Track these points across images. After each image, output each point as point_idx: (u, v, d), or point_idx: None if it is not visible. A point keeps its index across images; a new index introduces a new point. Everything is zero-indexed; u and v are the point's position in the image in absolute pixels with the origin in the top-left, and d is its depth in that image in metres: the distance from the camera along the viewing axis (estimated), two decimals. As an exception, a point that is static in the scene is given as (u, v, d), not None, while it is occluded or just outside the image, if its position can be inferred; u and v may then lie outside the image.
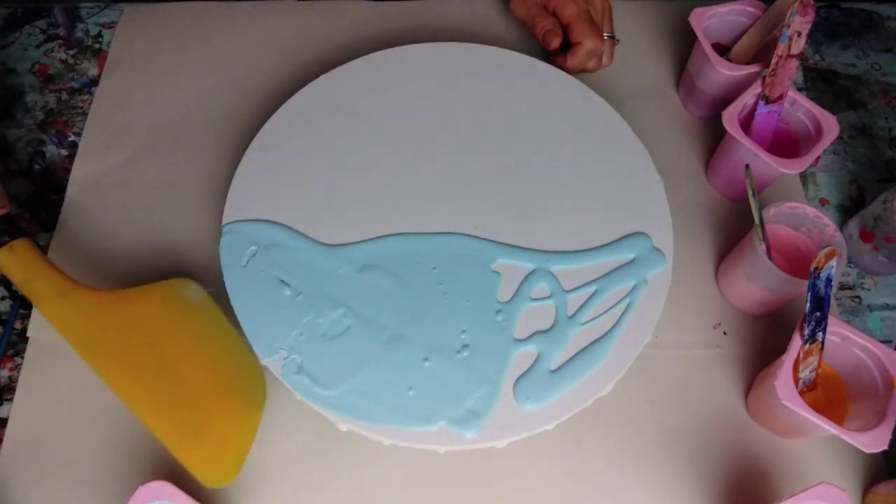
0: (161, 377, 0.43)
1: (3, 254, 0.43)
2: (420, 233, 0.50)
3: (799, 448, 0.50)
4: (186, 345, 0.46)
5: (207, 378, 0.45)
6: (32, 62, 0.65)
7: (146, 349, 0.44)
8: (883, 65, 0.67)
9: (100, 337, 0.43)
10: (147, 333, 0.44)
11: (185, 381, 0.44)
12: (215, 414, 0.45)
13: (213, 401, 0.45)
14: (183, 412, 0.43)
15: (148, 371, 0.43)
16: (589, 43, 0.58)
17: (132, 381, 0.42)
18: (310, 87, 0.56)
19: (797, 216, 0.51)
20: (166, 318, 0.46)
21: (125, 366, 0.43)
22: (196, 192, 0.58)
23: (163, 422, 0.42)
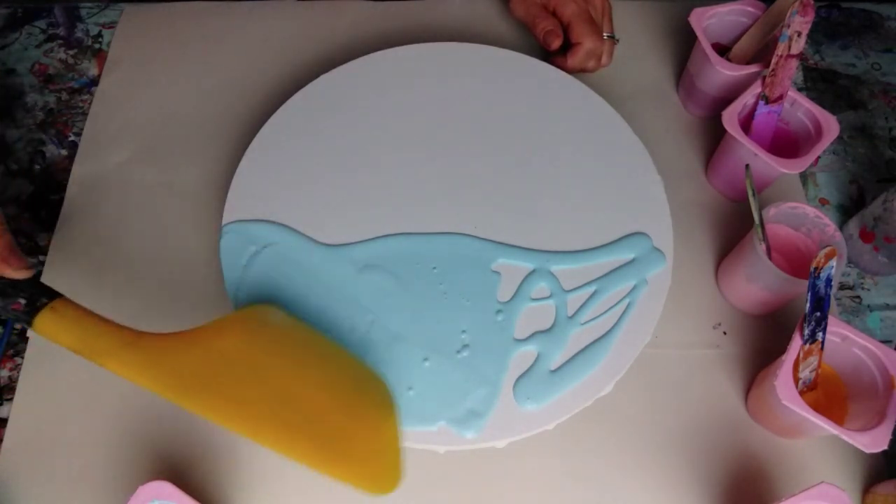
0: (283, 407, 0.39)
1: (46, 317, 0.37)
2: (420, 233, 0.50)
3: (799, 448, 0.50)
4: (292, 369, 0.42)
5: (329, 396, 0.42)
6: (32, 62, 0.65)
7: (253, 383, 0.40)
8: (883, 65, 0.67)
9: (191, 381, 0.38)
10: (245, 367, 0.40)
11: (309, 404, 0.40)
12: (353, 430, 0.41)
13: (344, 417, 0.41)
14: (321, 434, 0.40)
15: (267, 404, 0.39)
16: (589, 43, 0.58)
17: (256, 418, 0.38)
18: (310, 87, 0.56)
19: (797, 216, 0.51)
20: (259, 349, 0.42)
21: (239, 405, 0.38)
22: (196, 192, 0.58)
23: (307, 450, 0.39)
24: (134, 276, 0.54)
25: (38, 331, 0.37)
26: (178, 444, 0.49)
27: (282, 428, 0.39)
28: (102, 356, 0.37)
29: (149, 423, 0.49)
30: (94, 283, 0.54)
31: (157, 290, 0.54)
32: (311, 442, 0.39)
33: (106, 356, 0.37)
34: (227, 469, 0.48)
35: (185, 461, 0.48)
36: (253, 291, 0.48)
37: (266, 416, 0.39)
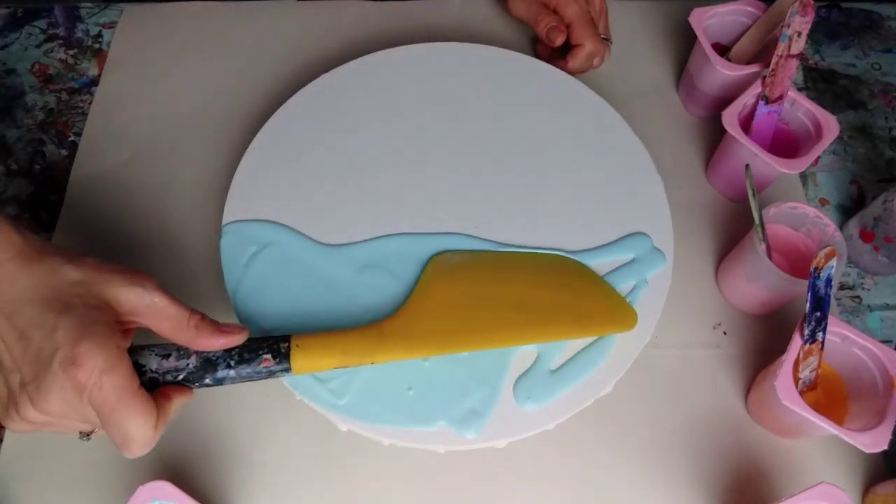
0: (518, 311, 0.45)
1: (299, 357, 0.40)
2: (420, 233, 0.50)
3: (799, 448, 0.50)
4: (500, 283, 0.47)
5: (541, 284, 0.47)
6: (32, 62, 0.65)
7: (482, 309, 0.45)
8: (883, 65, 0.67)
9: (441, 335, 0.44)
10: (467, 303, 0.45)
11: (533, 298, 0.46)
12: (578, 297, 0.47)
13: (564, 293, 0.47)
14: (560, 313, 0.46)
15: (505, 316, 0.45)
16: (590, 45, 0.58)
17: (504, 329, 0.44)
18: (310, 87, 0.56)
19: (797, 216, 0.51)
20: (464, 285, 0.46)
21: (484, 328, 0.44)
22: (196, 192, 0.58)
23: (558, 330, 0.45)
24: (134, 276, 0.54)
25: (298, 371, 0.40)
26: (178, 444, 0.49)
27: (528, 327, 0.45)
28: (369, 356, 0.41)
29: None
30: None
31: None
32: (556, 324, 0.45)
33: (373, 355, 0.41)
34: (227, 469, 0.48)
35: (185, 461, 0.48)
36: (253, 291, 0.48)
37: (511, 325, 0.45)
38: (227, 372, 0.38)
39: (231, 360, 0.38)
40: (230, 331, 0.38)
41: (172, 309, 0.37)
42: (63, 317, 0.34)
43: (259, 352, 0.39)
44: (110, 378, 0.33)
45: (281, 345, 0.39)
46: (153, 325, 0.37)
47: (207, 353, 0.38)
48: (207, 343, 0.37)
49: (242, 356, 0.38)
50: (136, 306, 0.36)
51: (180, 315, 0.37)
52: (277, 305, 0.47)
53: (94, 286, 0.36)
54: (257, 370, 0.39)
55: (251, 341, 0.39)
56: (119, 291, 0.36)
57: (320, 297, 0.48)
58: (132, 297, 0.36)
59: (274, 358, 0.39)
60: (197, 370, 0.38)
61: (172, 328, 0.37)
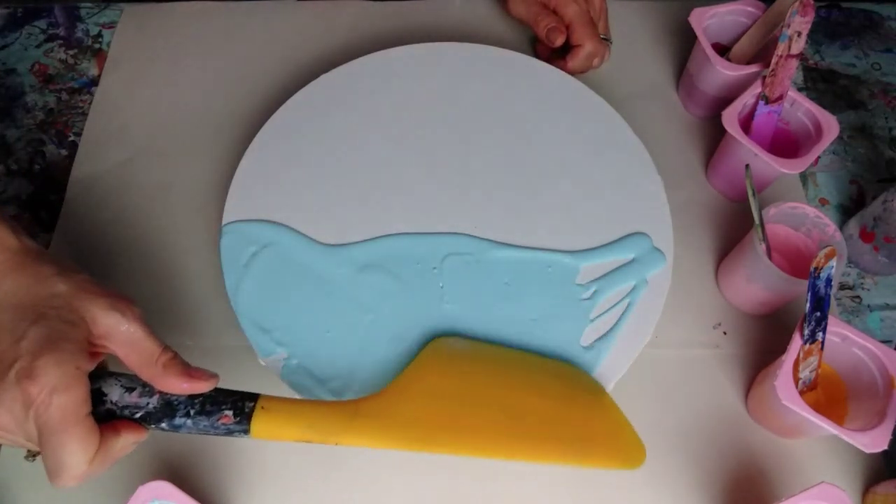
0: (511, 420, 0.41)
1: (261, 420, 0.36)
2: (420, 233, 0.50)
3: (799, 448, 0.50)
4: (498, 385, 0.43)
5: (542, 395, 0.43)
6: (32, 62, 0.65)
7: (473, 409, 0.41)
8: (883, 65, 0.67)
9: (419, 428, 0.39)
10: (457, 398, 0.41)
11: (531, 409, 0.42)
12: (581, 418, 0.43)
13: (567, 408, 0.43)
14: (557, 431, 0.42)
15: (496, 423, 0.41)
16: (589, 45, 0.58)
17: (493, 439, 0.40)
18: (310, 87, 0.56)
19: (797, 216, 0.51)
20: (459, 378, 0.43)
21: (472, 432, 0.40)
22: (196, 192, 0.58)
23: (552, 451, 0.41)
24: (134, 276, 0.54)
25: (257, 435, 0.37)
26: (178, 444, 0.49)
27: (521, 439, 0.40)
28: (336, 436, 0.37)
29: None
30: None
31: (157, 289, 0.54)
32: (552, 442, 0.41)
33: (339, 435, 0.37)
34: (227, 469, 0.48)
35: (185, 461, 0.48)
36: (253, 291, 0.48)
37: (502, 434, 0.40)
38: (184, 420, 0.36)
39: (192, 409, 0.36)
40: (198, 376, 0.36)
41: (146, 342, 0.35)
42: (33, 327, 0.33)
43: (222, 406, 0.37)
44: (59, 398, 0.32)
45: (246, 404, 0.37)
46: (122, 353, 0.36)
47: (171, 396, 0.36)
48: (171, 384, 0.35)
49: (204, 407, 0.36)
50: (111, 331, 0.35)
51: (151, 349, 0.36)
52: (277, 305, 0.47)
53: (75, 301, 0.35)
54: (214, 425, 0.36)
55: (218, 392, 0.37)
56: (98, 312, 0.35)
57: (320, 297, 0.48)
58: (109, 321, 0.35)
59: (235, 416, 0.36)
60: (156, 412, 0.36)
61: (140, 361, 0.36)
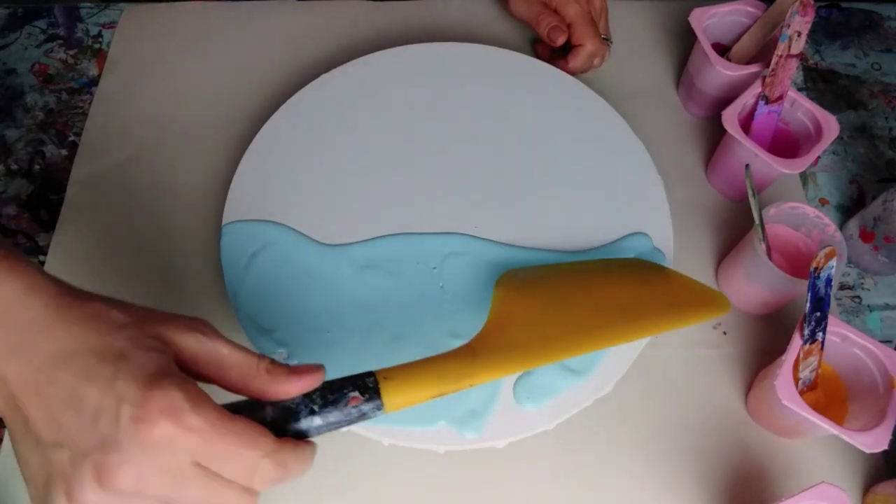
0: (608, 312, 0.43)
1: (389, 391, 0.33)
2: (420, 233, 0.50)
3: (799, 448, 0.50)
4: (580, 289, 0.46)
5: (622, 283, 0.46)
6: (32, 62, 0.65)
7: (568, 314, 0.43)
8: (883, 65, 0.67)
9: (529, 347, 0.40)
10: (549, 312, 0.43)
11: (619, 299, 0.45)
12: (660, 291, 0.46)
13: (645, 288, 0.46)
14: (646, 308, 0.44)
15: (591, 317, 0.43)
16: (591, 45, 0.58)
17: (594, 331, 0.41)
18: (310, 87, 0.56)
19: (797, 216, 0.51)
20: (543, 294, 0.45)
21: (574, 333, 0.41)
22: (196, 192, 0.58)
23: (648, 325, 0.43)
24: (134, 276, 0.54)
25: (392, 408, 0.33)
26: (178, 444, 0.49)
27: (622, 323, 0.42)
28: (467, 378, 0.36)
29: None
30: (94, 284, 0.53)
31: (157, 289, 0.54)
32: (650, 317, 0.43)
33: (471, 377, 0.36)
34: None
35: (185, 461, 0.48)
36: (253, 291, 0.48)
37: (605, 324, 0.42)
38: (311, 420, 0.32)
39: (314, 405, 0.32)
40: (306, 371, 0.32)
41: (238, 355, 0.31)
42: (121, 364, 0.28)
43: (343, 390, 0.32)
44: (201, 414, 0.28)
45: (367, 380, 0.33)
46: (216, 375, 0.31)
47: (284, 401, 0.32)
48: (284, 389, 0.31)
49: (326, 398, 0.32)
50: (196, 354, 0.31)
51: (248, 361, 0.31)
52: (277, 305, 0.47)
53: (149, 328, 0.30)
54: (346, 412, 0.32)
55: (330, 381, 0.33)
56: (176, 335, 0.30)
57: (320, 297, 0.48)
58: (191, 343, 0.30)
59: (363, 394, 0.32)
60: (275, 422, 0.31)
61: (241, 377, 0.31)
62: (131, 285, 0.54)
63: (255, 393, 0.31)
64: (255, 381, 0.31)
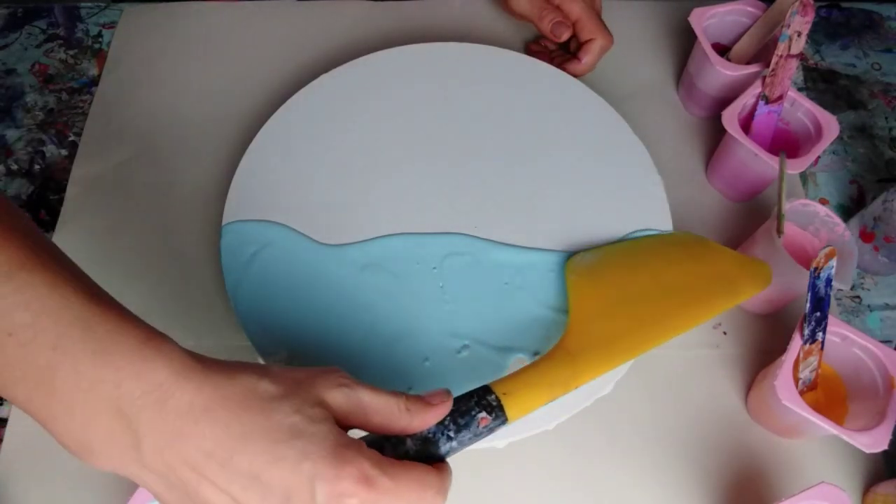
0: (667, 297, 0.45)
1: (511, 405, 0.35)
2: (420, 233, 0.50)
3: (799, 448, 0.50)
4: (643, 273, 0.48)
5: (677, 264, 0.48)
6: (32, 62, 0.65)
7: (640, 306, 0.45)
8: (883, 65, 0.67)
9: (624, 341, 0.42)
10: (624, 304, 0.45)
11: (674, 281, 0.46)
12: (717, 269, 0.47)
13: (700, 266, 0.48)
14: (708, 288, 0.46)
15: (661, 306, 0.45)
16: (601, 39, 0.58)
17: (666, 319, 0.44)
18: (310, 87, 0.56)
19: (808, 214, 0.51)
20: (612, 281, 0.47)
21: (651, 324, 0.44)
22: (196, 192, 0.58)
23: (712, 304, 0.45)
24: (134, 276, 0.54)
25: (514, 419, 0.36)
26: (178, 444, 0.49)
27: (687, 308, 0.44)
28: (575, 380, 0.39)
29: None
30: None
31: (157, 290, 0.54)
32: (712, 297, 0.45)
33: (574, 381, 0.39)
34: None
35: (185, 461, 0.48)
36: (253, 291, 0.48)
37: (675, 310, 0.44)
38: (449, 444, 0.34)
39: (449, 432, 0.34)
40: (439, 400, 0.33)
41: (380, 399, 0.32)
42: (299, 442, 0.28)
43: (472, 413, 0.35)
44: (390, 476, 0.29)
45: (488, 398, 0.35)
46: (362, 423, 0.32)
47: (422, 432, 0.34)
48: (423, 422, 0.33)
49: (458, 423, 0.34)
50: (346, 408, 0.31)
51: (389, 403, 0.32)
52: (277, 305, 0.47)
53: (304, 394, 0.30)
54: (477, 432, 0.35)
55: (456, 404, 0.35)
56: (328, 395, 0.31)
57: (320, 297, 0.48)
58: (339, 400, 0.31)
59: (490, 414, 0.35)
60: (419, 453, 0.33)
61: (385, 419, 0.32)
62: (131, 285, 0.54)
63: (398, 431, 0.33)
64: (399, 421, 0.32)
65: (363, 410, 0.32)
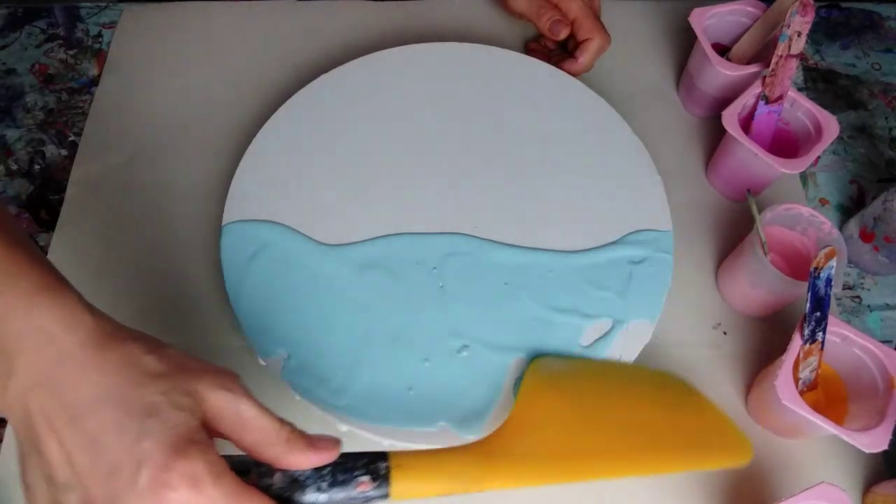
0: (626, 436, 0.41)
1: (399, 480, 0.33)
2: (420, 233, 0.50)
3: (799, 448, 0.50)
4: (609, 400, 0.44)
5: (650, 405, 0.44)
6: (32, 62, 0.65)
7: (589, 431, 0.41)
8: (883, 65, 0.67)
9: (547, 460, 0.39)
10: (572, 423, 0.41)
11: (642, 422, 0.42)
12: (689, 423, 0.43)
13: (674, 415, 0.43)
14: (669, 441, 0.42)
15: (614, 442, 0.40)
16: (599, 39, 0.58)
17: (616, 458, 0.40)
18: (310, 87, 0.56)
19: (792, 217, 0.51)
20: (571, 397, 0.43)
21: (595, 455, 0.40)
22: (196, 192, 0.58)
23: (668, 460, 0.41)
24: (134, 276, 0.54)
25: (397, 497, 0.33)
26: (178, 444, 0.49)
27: (642, 453, 0.40)
28: (478, 482, 0.35)
29: (149, 423, 0.49)
30: (94, 284, 0.53)
31: (157, 290, 0.54)
32: (670, 451, 0.41)
33: (481, 481, 0.36)
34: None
35: (185, 461, 0.48)
36: (253, 291, 0.48)
37: (625, 451, 0.40)
38: (316, 496, 0.31)
39: (322, 483, 0.32)
40: (324, 446, 0.32)
41: (263, 420, 0.31)
42: (150, 421, 0.28)
43: (354, 472, 0.32)
44: (220, 487, 0.28)
45: (379, 464, 0.33)
46: (236, 436, 0.31)
47: (295, 472, 0.32)
48: (297, 461, 0.31)
49: (336, 477, 0.32)
50: (222, 413, 0.30)
51: (270, 427, 0.31)
52: (277, 305, 0.48)
53: (182, 382, 0.30)
54: (352, 496, 0.32)
55: (343, 457, 0.33)
56: (208, 391, 0.30)
57: (320, 298, 0.48)
58: (219, 402, 0.30)
59: (373, 480, 0.32)
60: (282, 491, 0.31)
61: (259, 442, 0.31)
62: (131, 285, 0.54)
63: (269, 459, 0.31)
64: (273, 448, 0.31)
65: (240, 423, 0.31)
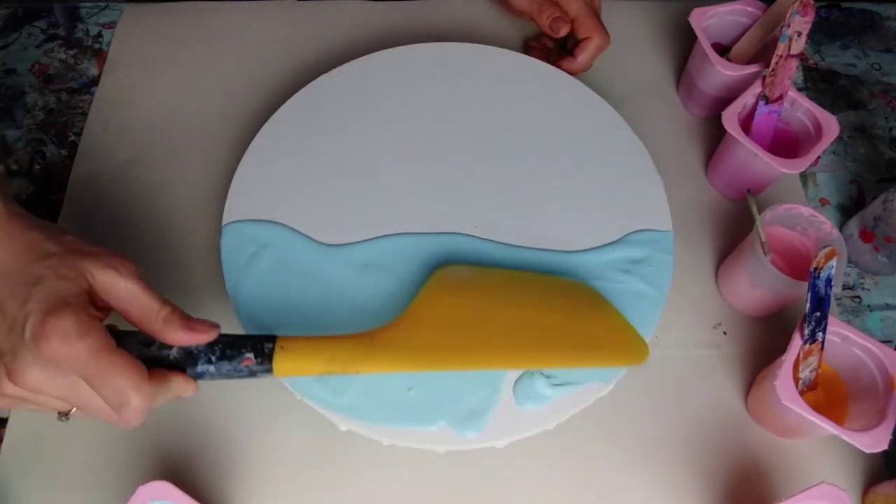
0: (520, 333, 0.43)
1: (282, 358, 0.38)
2: (420, 233, 0.50)
3: (799, 448, 0.50)
4: (506, 303, 0.45)
5: (550, 307, 0.45)
6: (32, 62, 0.65)
7: (484, 328, 0.43)
8: (883, 65, 0.67)
9: (435, 350, 0.41)
10: (469, 319, 0.43)
11: (539, 321, 0.44)
12: (585, 324, 0.45)
13: (570, 318, 0.45)
14: (564, 339, 0.44)
15: (505, 336, 0.43)
16: (598, 37, 0.58)
17: (505, 351, 0.42)
18: (310, 87, 0.56)
19: (792, 216, 0.51)
20: (469, 301, 0.45)
21: (483, 347, 0.42)
22: (196, 192, 0.58)
23: (559, 356, 0.43)
24: (134, 276, 0.54)
25: (280, 373, 0.38)
26: (178, 444, 0.49)
27: (528, 349, 0.43)
28: (356, 364, 0.40)
29: (148, 423, 0.49)
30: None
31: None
32: (559, 348, 0.43)
33: (359, 364, 0.40)
34: (227, 469, 0.48)
35: (185, 461, 0.48)
36: (253, 291, 0.48)
37: (510, 346, 0.43)
38: (207, 367, 0.38)
39: (212, 356, 0.38)
40: (199, 328, 0.37)
41: (144, 298, 0.37)
42: (35, 287, 0.34)
43: (242, 350, 0.38)
44: (85, 342, 0.33)
45: (265, 345, 0.38)
46: (122, 309, 0.37)
47: (189, 346, 0.37)
48: (173, 338, 0.37)
49: (224, 352, 0.38)
50: (109, 288, 0.36)
51: (150, 305, 0.37)
52: (277, 305, 0.47)
53: (70, 259, 0.36)
54: (237, 368, 0.38)
55: (236, 338, 0.38)
56: (94, 269, 0.36)
57: (320, 297, 0.48)
58: (105, 278, 0.36)
59: (256, 357, 0.38)
60: (177, 362, 0.37)
61: (141, 317, 0.37)
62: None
63: (149, 333, 0.37)
64: (152, 324, 0.37)
65: (126, 299, 0.36)
